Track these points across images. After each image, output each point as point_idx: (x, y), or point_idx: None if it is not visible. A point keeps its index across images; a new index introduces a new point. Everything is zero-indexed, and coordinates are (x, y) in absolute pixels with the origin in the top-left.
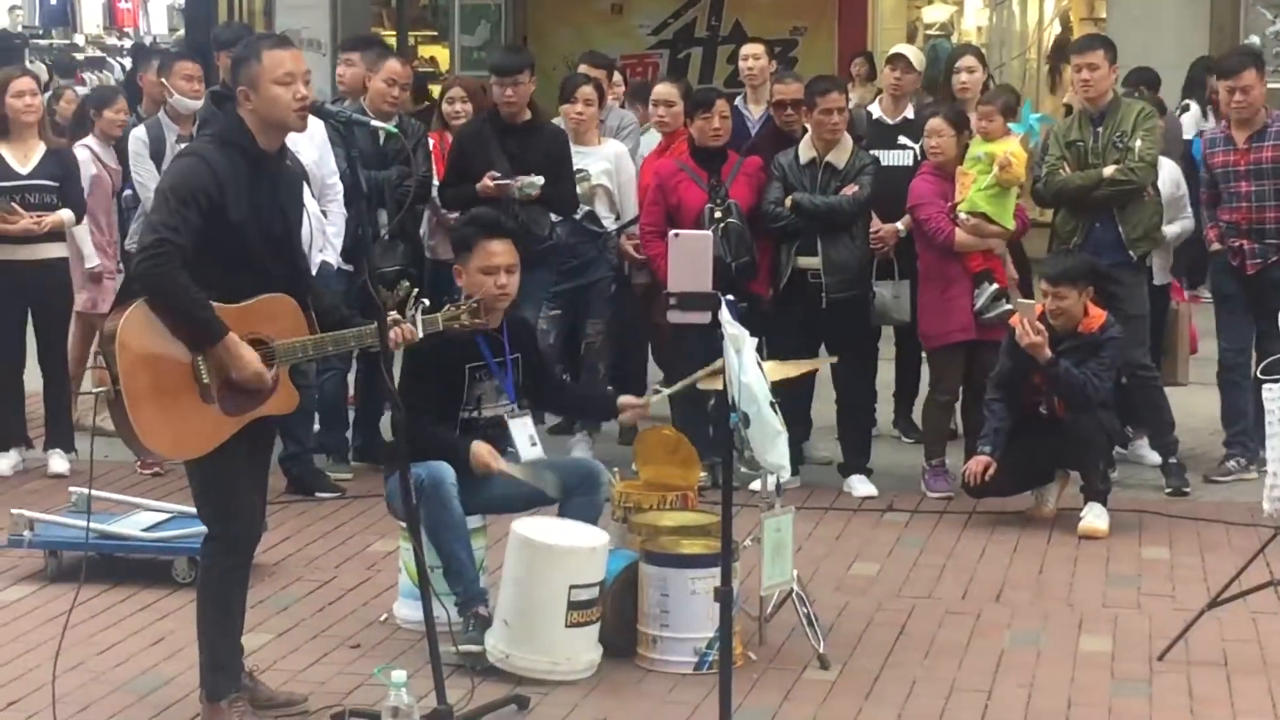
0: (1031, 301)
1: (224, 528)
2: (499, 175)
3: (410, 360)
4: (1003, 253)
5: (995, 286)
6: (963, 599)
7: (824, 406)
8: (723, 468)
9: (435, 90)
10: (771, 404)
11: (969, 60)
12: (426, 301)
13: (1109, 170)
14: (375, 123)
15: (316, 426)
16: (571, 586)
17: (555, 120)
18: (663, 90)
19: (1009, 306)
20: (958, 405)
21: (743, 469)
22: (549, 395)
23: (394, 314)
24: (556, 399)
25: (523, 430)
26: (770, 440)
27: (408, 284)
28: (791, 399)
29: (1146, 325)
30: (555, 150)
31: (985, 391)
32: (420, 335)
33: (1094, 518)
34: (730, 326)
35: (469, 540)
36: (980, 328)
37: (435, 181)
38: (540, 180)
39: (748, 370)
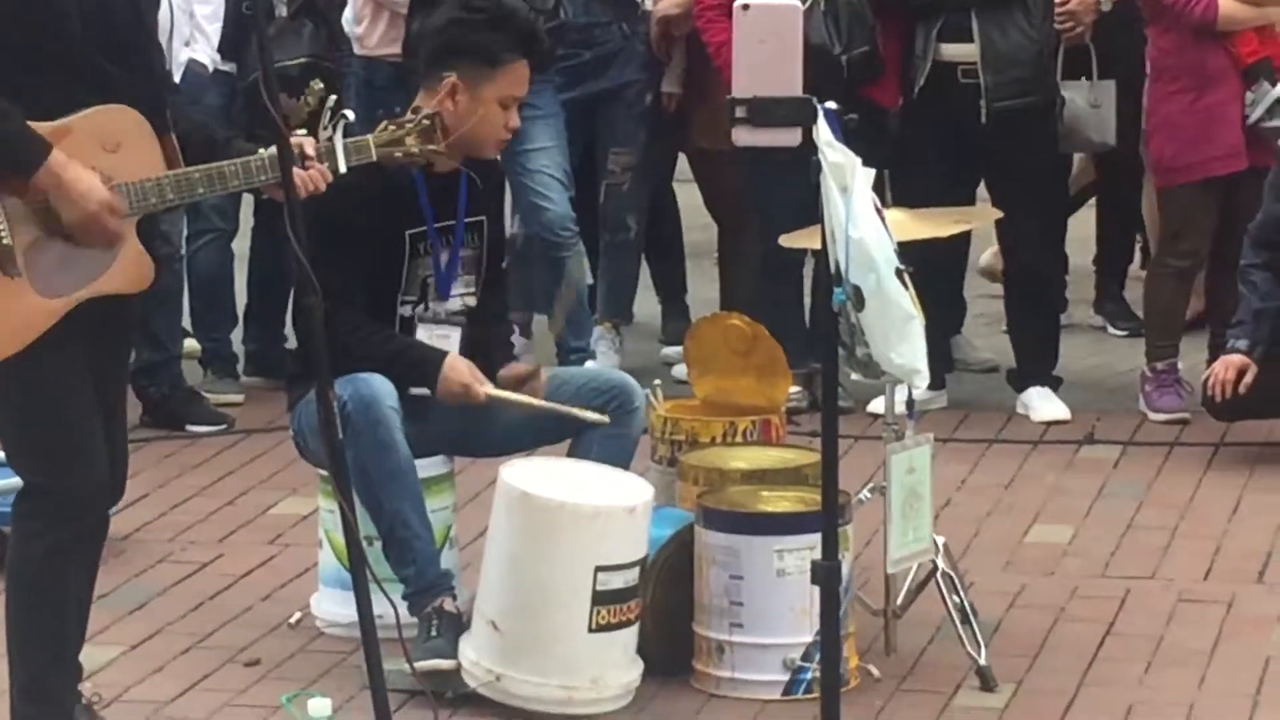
0: None
1: (49, 477)
2: None
3: (320, 221)
4: None
5: None
6: (1205, 579)
7: (984, 281)
8: (824, 376)
9: None
10: (899, 272)
11: None
12: (350, 115)
13: None
14: None
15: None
16: (598, 569)
17: None
18: None
19: None
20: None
21: (854, 376)
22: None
23: (300, 136)
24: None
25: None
26: (897, 329)
27: (321, 87)
28: (934, 270)
29: None
30: None
31: (1241, 254)
32: (342, 168)
33: None
34: (832, 150)
35: (421, 496)
36: (1255, 152)
37: None
38: None
39: (860, 220)
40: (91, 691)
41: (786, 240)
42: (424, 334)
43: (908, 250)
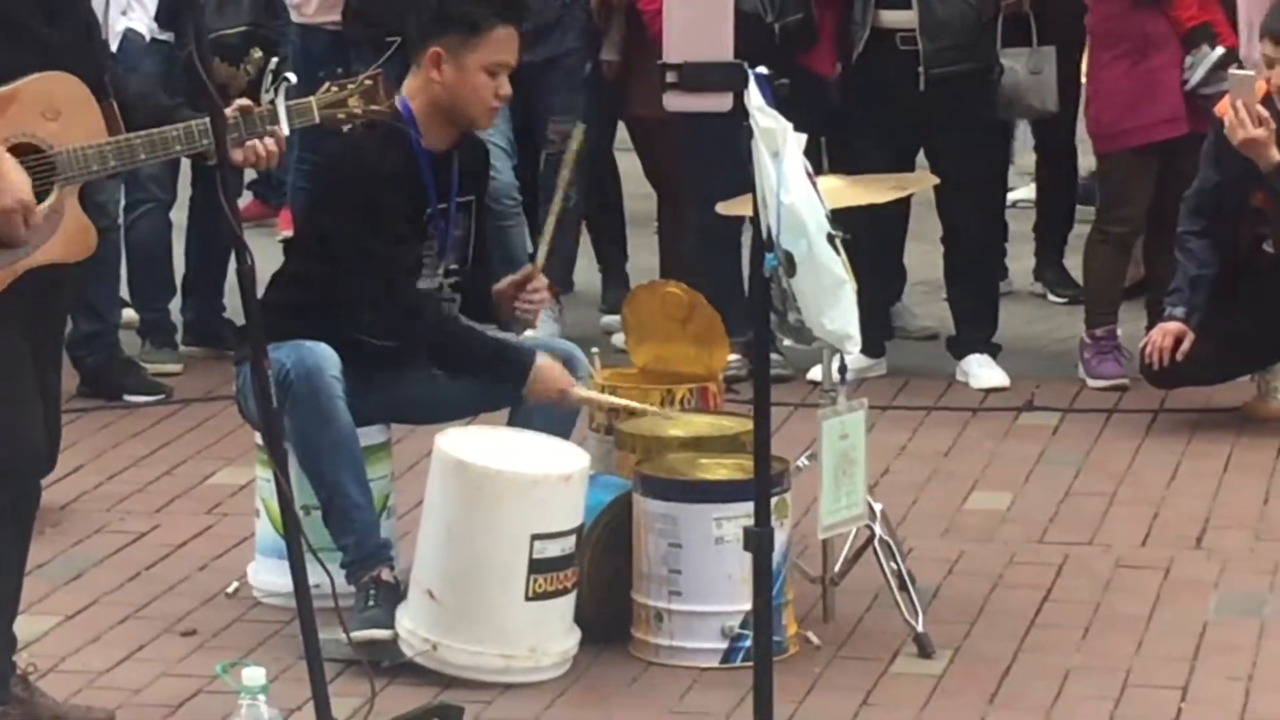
0: (1250, 74)
1: None
2: None
3: (361, 207)
4: None
5: (1221, 50)
6: (1143, 545)
7: (925, 250)
8: (756, 342)
9: None
10: (831, 238)
11: None
12: (292, 78)
13: None
14: None
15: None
16: (534, 537)
17: None
18: None
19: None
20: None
21: (786, 342)
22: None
23: (242, 103)
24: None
25: None
26: (829, 295)
27: (260, 54)
28: (870, 237)
29: None
30: None
31: (1178, 221)
32: (285, 131)
33: None
34: (763, 115)
35: (362, 465)
36: (1194, 117)
37: None
38: None
39: (791, 185)
40: (27, 662)
41: (722, 207)
42: None
43: (849, 217)
